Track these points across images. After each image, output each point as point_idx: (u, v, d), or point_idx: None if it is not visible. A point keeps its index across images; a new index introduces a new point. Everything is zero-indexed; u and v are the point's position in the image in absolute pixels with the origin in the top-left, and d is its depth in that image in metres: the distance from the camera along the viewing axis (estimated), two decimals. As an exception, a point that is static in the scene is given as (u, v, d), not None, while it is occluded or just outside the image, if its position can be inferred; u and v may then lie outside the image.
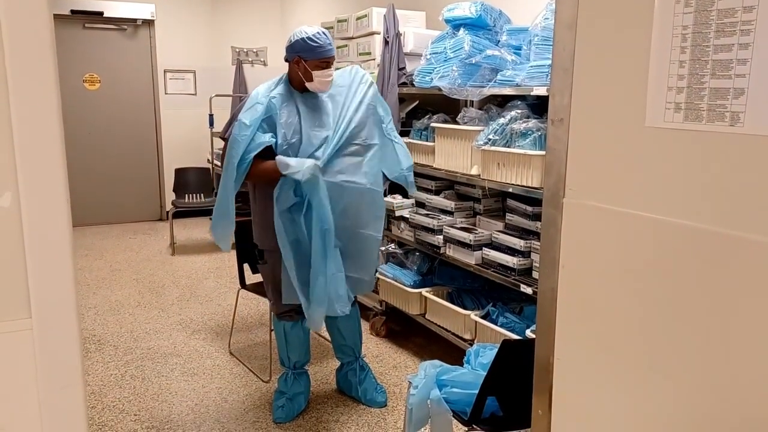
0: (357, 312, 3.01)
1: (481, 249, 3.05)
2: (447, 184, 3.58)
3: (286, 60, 2.71)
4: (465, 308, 3.22)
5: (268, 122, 2.59)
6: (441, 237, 3.28)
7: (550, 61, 1.19)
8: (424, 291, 3.45)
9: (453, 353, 3.20)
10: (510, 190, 2.84)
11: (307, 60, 2.62)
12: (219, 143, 6.52)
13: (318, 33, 2.64)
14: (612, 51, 1.05)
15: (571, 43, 1.12)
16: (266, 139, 2.56)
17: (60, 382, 1.15)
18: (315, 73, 2.62)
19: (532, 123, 2.76)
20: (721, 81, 0.91)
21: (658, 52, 0.98)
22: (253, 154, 2.53)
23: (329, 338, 3.14)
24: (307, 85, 2.65)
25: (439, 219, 3.35)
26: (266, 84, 2.70)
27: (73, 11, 6.30)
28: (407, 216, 3.56)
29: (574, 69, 1.12)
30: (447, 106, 3.62)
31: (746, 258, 0.90)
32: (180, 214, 6.28)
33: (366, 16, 3.95)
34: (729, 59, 0.90)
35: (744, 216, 0.90)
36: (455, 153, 3.19)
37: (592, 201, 1.11)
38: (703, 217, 0.95)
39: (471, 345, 2.74)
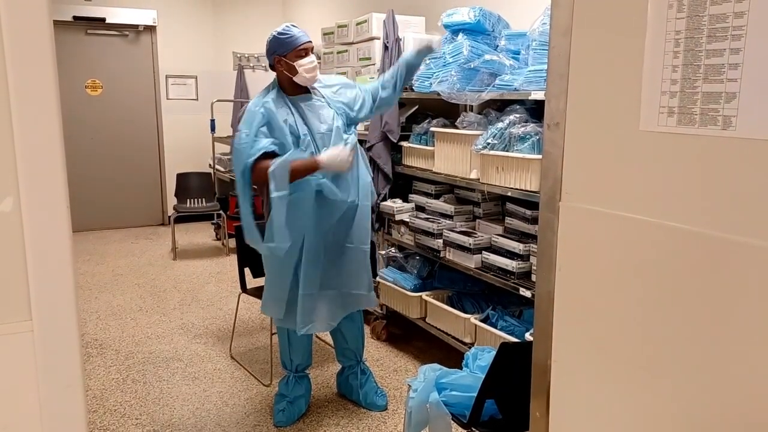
0: (360, 316, 3.02)
1: (481, 252, 3.06)
2: (447, 188, 3.59)
3: (271, 67, 2.75)
4: (465, 312, 3.23)
5: (269, 127, 2.60)
6: (441, 241, 3.28)
7: (547, 66, 1.20)
8: (424, 295, 3.45)
9: (453, 357, 3.20)
10: (509, 193, 2.85)
11: (285, 55, 2.66)
12: (220, 148, 6.56)
13: (286, 27, 2.69)
14: (606, 56, 1.06)
15: (567, 49, 1.13)
16: (263, 144, 2.56)
17: (60, 383, 1.16)
18: (297, 64, 2.65)
19: (531, 127, 2.77)
20: (713, 85, 0.92)
21: (651, 56, 0.99)
22: (251, 159, 2.53)
23: (331, 342, 3.14)
24: (295, 79, 2.67)
25: (439, 223, 3.36)
26: (258, 95, 2.73)
27: (75, 17, 6.33)
28: (407, 220, 3.57)
29: (570, 74, 1.13)
30: (446, 111, 3.63)
31: (740, 261, 0.91)
32: (181, 218, 6.29)
33: (366, 21, 3.97)
34: (721, 64, 0.91)
35: (737, 219, 0.91)
36: (455, 157, 3.21)
37: (588, 204, 1.12)
38: (697, 220, 0.95)
39: (471, 348, 2.74)
